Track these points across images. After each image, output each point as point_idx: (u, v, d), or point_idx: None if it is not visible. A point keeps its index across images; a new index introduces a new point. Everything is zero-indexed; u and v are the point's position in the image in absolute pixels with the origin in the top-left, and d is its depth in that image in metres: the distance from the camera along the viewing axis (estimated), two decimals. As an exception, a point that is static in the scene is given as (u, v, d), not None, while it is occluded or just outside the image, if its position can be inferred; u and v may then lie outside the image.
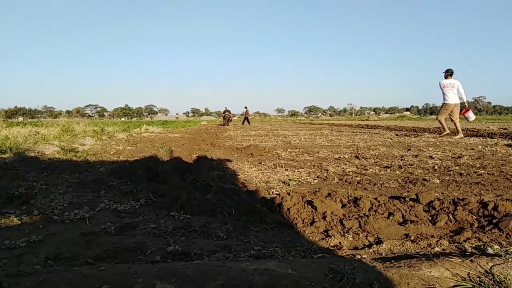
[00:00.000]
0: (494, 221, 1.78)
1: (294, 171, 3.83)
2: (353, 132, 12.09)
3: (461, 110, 8.28)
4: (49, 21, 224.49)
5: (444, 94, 8.04)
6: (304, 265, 1.21)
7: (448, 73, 8.01)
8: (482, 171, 3.54)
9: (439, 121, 8.36)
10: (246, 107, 25.97)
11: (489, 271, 1.16)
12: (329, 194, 2.20)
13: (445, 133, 8.28)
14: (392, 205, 2.03)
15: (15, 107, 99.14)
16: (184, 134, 10.65)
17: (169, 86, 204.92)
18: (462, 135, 8.07)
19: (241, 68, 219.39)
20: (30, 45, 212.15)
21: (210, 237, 1.71)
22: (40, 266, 1.31)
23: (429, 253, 1.48)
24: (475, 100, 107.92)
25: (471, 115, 8.35)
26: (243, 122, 24.96)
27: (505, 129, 11.34)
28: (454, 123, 8.19)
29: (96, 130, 8.81)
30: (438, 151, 5.40)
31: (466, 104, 8.14)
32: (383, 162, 4.32)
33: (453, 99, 8.00)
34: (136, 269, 1.16)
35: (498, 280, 1.11)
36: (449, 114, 8.13)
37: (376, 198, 2.12)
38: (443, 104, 8.14)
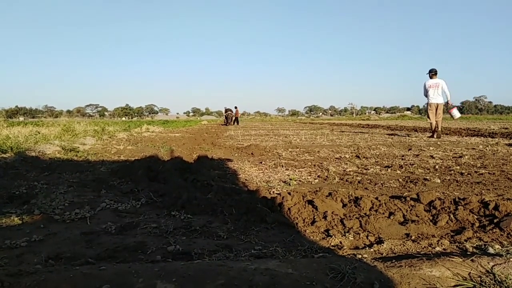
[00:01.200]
0: (495, 220, 1.78)
1: (295, 170, 3.82)
2: (354, 132, 12.08)
3: (446, 109, 8.25)
4: (50, 21, 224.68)
5: (428, 94, 7.99)
6: (304, 264, 1.21)
7: (433, 73, 7.99)
8: (483, 171, 3.53)
9: (431, 124, 8.20)
10: (236, 107, 25.55)
11: (490, 271, 1.16)
12: (329, 194, 2.20)
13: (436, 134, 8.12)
14: (393, 204, 2.03)
15: (16, 106, 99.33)
16: (184, 133, 10.66)
17: (169, 86, 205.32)
18: (435, 136, 8.01)
19: (242, 68, 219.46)
20: (31, 45, 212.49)
21: (210, 237, 1.71)
22: (41, 265, 1.31)
23: (430, 252, 1.48)
24: (476, 99, 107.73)
25: (456, 113, 8.34)
26: (235, 123, 24.52)
27: (506, 128, 11.33)
28: (436, 122, 8.10)
29: (97, 129, 8.82)
30: (439, 151, 5.39)
31: (450, 102, 8.09)
32: (384, 162, 4.32)
33: (436, 99, 7.95)
34: (136, 268, 1.16)
35: (499, 279, 1.11)
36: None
37: (377, 198, 2.12)
38: (427, 104, 8.08)
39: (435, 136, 8.06)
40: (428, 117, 8.12)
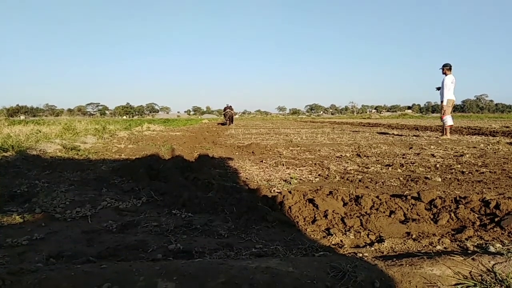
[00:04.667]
0: (496, 219, 1.78)
1: (296, 169, 3.82)
2: (355, 131, 12.07)
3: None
4: (50, 20, 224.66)
5: (449, 90, 7.51)
6: (305, 263, 1.21)
7: (447, 68, 7.58)
8: (484, 170, 3.53)
9: (448, 122, 7.67)
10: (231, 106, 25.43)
11: (491, 269, 1.16)
12: (330, 193, 2.20)
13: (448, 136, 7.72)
14: (393, 203, 2.02)
15: (17, 105, 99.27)
16: (185, 132, 10.66)
17: (170, 84, 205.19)
18: (445, 134, 7.74)
19: (243, 66, 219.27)
20: (32, 43, 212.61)
21: (211, 235, 1.71)
22: (42, 264, 1.32)
23: (431, 251, 1.48)
24: (477, 98, 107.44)
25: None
26: (229, 121, 24.31)
27: (507, 127, 11.30)
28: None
29: (98, 128, 8.82)
30: (440, 150, 5.39)
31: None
32: (384, 160, 4.31)
33: (453, 95, 7.67)
34: (137, 267, 1.16)
35: (500, 278, 1.11)
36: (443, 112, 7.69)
37: (377, 197, 2.12)
38: (448, 100, 7.57)
39: (448, 135, 7.67)
40: (448, 115, 7.59)
